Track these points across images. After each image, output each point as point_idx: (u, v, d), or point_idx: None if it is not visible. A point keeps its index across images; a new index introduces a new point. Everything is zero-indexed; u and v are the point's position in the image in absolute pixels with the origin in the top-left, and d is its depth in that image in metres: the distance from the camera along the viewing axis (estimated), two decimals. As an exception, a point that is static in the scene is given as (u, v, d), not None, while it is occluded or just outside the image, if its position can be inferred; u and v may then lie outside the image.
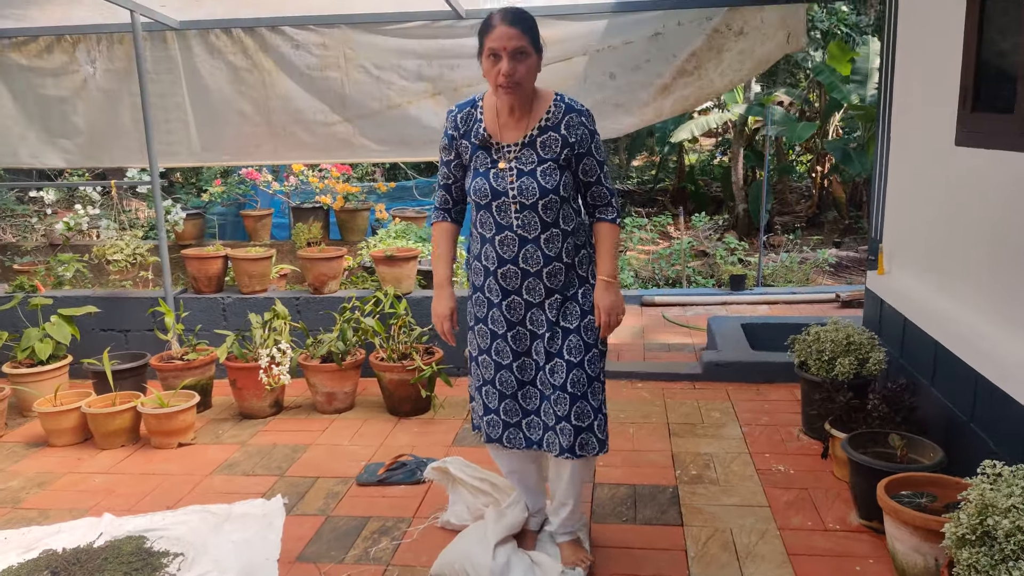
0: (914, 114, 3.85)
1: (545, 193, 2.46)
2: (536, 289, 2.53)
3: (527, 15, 2.43)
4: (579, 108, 2.50)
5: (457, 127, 2.57)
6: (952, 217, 3.34)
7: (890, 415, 3.24)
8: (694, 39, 4.72)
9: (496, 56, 2.38)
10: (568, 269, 2.55)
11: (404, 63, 5.01)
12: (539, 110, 2.49)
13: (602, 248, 2.59)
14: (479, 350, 2.65)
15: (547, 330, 2.56)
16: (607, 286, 2.55)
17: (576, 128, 2.47)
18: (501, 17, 2.38)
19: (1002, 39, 2.98)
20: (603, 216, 2.59)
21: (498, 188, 2.48)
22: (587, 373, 2.55)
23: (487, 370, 2.63)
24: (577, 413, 2.53)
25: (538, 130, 2.47)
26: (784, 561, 2.77)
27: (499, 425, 2.64)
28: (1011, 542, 1.88)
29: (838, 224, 12.64)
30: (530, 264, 2.51)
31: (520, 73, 2.39)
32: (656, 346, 5.71)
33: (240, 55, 5.10)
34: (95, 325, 5.04)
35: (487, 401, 2.64)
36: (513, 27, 2.36)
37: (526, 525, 2.81)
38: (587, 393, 2.55)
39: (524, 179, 2.46)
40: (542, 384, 2.59)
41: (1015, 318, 2.78)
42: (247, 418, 4.32)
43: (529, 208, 2.47)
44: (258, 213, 6.88)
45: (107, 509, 3.28)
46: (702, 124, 12.36)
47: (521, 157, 2.48)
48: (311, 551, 2.93)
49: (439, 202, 2.71)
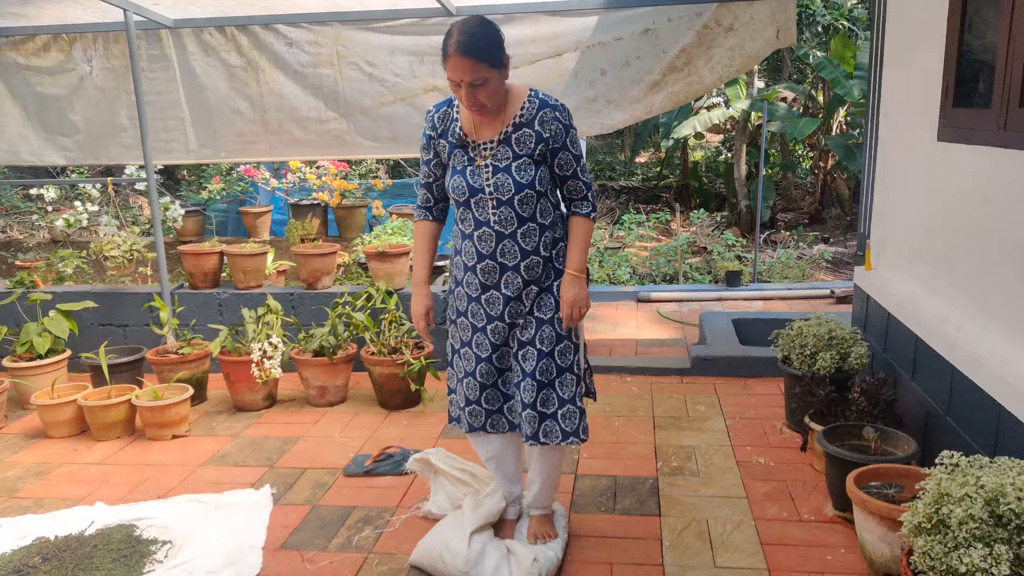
0: (900, 110, 3.87)
1: (520, 188, 2.50)
2: (514, 282, 2.58)
3: (483, 37, 2.37)
4: (552, 103, 2.53)
5: (435, 127, 2.61)
6: (933, 212, 3.37)
7: (869, 409, 3.28)
8: (684, 35, 4.75)
9: (456, 83, 2.39)
10: (546, 262, 2.60)
11: (396, 60, 5.07)
12: (513, 107, 2.52)
13: (574, 241, 2.62)
14: (460, 343, 2.71)
15: (522, 319, 2.63)
16: (573, 279, 2.59)
17: (550, 123, 2.50)
18: (455, 47, 2.33)
19: (982, 36, 3.01)
20: (578, 210, 2.63)
21: (475, 185, 2.52)
22: (556, 364, 2.60)
23: (468, 362, 2.68)
24: (542, 400, 2.59)
25: (513, 127, 2.50)
26: (757, 550, 2.82)
27: (482, 414, 2.70)
28: (963, 530, 1.92)
29: (840, 220, 12.64)
30: (508, 259, 2.56)
31: (481, 99, 2.40)
32: (648, 341, 5.75)
33: (234, 53, 5.16)
34: (94, 320, 5.12)
35: (468, 393, 2.69)
36: (467, 58, 2.32)
37: (504, 514, 2.86)
38: (554, 382, 2.61)
39: (499, 175, 2.51)
40: (515, 371, 2.66)
41: (991, 313, 2.82)
42: (241, 411, 4.40)
43: (506, 204, 2.51)
44: (257, 210, 6.95)
45: (100, 498, 3.36)
46: (705, 120, 12.36)
47: (497, 154, 2.52)
48: (296, 539, 3.00)
49: (421, 200, 2.75)
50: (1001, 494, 1.92)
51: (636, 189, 16.07)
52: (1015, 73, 2.65)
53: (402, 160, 11.64)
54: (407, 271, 5.03)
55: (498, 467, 2.84)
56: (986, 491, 1.94)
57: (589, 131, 5.12)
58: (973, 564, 1.86)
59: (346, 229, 6.72)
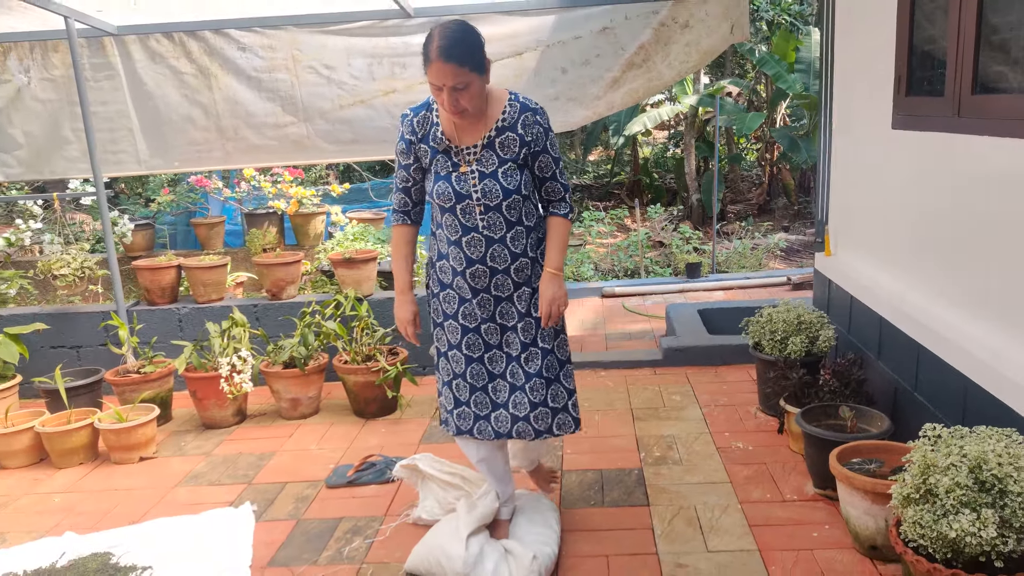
0: (853, 100, 3.97)
1: (508, 194, 2.51)
2: (504, 284, 2.61)
3: (465, 41, 2.36)
4: (533, 107, 2.54)
5: (414, 131, 2.57)
6: (892, 198, 3.46)
7: (840, 389, 3.35)
8: (642, 32, 4.80)
9: (438, 87, 2.38)
10: (533, 263, 2.63)
11: (354, 62, 5.00)
12: (495, 111, 2.52)
13: (551, 241, 2.65)
14: (448, 345, 2.69)
15: (519, 321, 2.65)
16: (552, 277, 2.62)
17: (532, 127, 2.52)
18: (437, 51, 2.32)
19: (932, 26, 3.10)
20: (556, 211, 2.66)
21: (462, 191, 2.52)
22: (558, 358, 2.70)
23: (457, 364, 2.67)
24: (552, 395, 2.68)
25: (496, 131, 2.50)
26: (746, 532, 2.86)
27: (470, 417, 2.69)
28: (951, 498, 1.98)
29: (788, 210, 12.92)
30: (498, 262, 2.58)
31: (463, 103, 2.39)
32: (617, 335, 5.79)
33: (184, 59, 5.03)
34: (44, 343, 4.94)
35: (457, 395, 2.69)
36: (449, 63, 2.31)
37: (497, 515, 2.85)
38: (559, 376, 2.70)
39: (486, 181, 2.51)
40: (513, 376, 2.67)
41: (951, 292, 2.91)
42: (210, 428, 4.29)
43: (494, 209, 2.53)
44: (210, 221, 6.79)
45: (69, 528, 3.23)
46: (654, 116, 12.52)
47: (482, 159, 2.52)
48: (283, 555, 2.93)
49: (398, 205, 2.71)
50: (983, 461, 1.99)
51: (589, 187, 16.21)
52: (966, 61, 2.74)
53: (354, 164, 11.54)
54: (375, 277, 4.98)
55: (489, 469, 2.83)
56: (969, 459, 2.01)
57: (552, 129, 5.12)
58: (962, 529, 1.92)
59: (303, 237, 6.62)
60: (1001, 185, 2.54)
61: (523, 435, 2.67)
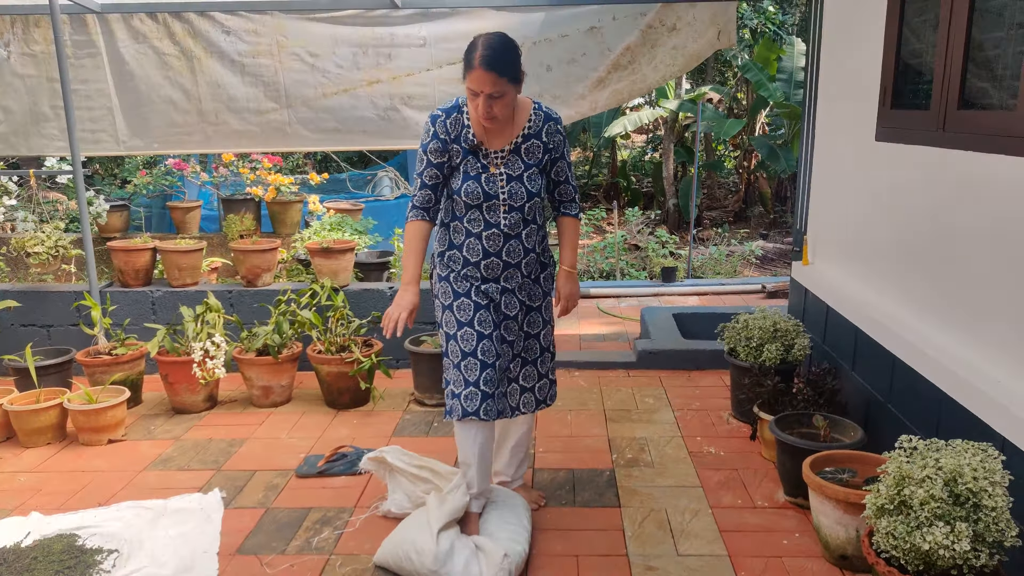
0: (837, 111, 4.02)
1: (531, 197, 2.71)
2: (514, 277, 2.80)
3: (507, 53, 2.53)
4: (555, 116, 2.75)
5: (448, 131, 2.68)
6: (872, 210, 3.51)
7: (814, 398, 3.39)
8: (628, 34, 4.82)
9: (475, 93, 2.52)
10: (538, 258, 2.85)
11: (340, 51, 4.97)
12: (521, 118, 2.70)
13: (566, 240, 2.91)
14: (459, 325, 2.74)
15: (519, 311, 2.84)
16: (569, 276, 2.91)
17: (554, 135, 2.73)
18: (480, 59, 2.48)
19: (919, 41, 3.15)
20: (567, 211, 2.89)
21: (490, 192, 2.68)
22: (540, 344, 2.96)
23: (468, 343, 2.73)
24: (525, 376, 2.95)
25: (522, 138, 2.69)
26: (716, 538, 2.88)
27: (477, 397, 2.71)
28: (925, 510, 2.00)
29: (764, 218, 13.04)
30: (512, 257, 2.76)
31: (497, 111, 2.55)
32: (591, 336, 5.81)
33: (167, 40, 4.96)
34: (14, 320, 4.85)
35: (467, 375, 2.72)
36: (490, 72, 2.48)
37: (468, 507, 2.85)
38: (537, 360, 2.97)
39: (513, 184, 2.69)
40: (527, 351, 2.92)
41: (927, 304, 2.95)
42: (180, 413, 4.24)
43: (517, 209, 2.71)
44: (186, 205, 6.70)
45: (35, 508, 3.17)
46: (635, 120, 12.57)
47: (509, 162, 2.69)
48: (251, 543, 2.91)
49: (421, 201, 2.76)
50: (959, 474, 2.02)
51: (566, 187, 16.20)
52: (953, 76, 2.79)
53: (332, 154, 11.45)
54: (352, 268, 4.95)
55: (482, 458, 2.81)
56: (945, 472, 2.04)
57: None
58: (936, 541, 1.94)
59: (280, 225, 6.55)
60: (980, 200, 2.59)
61: (527, 407, 2.95)
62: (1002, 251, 2.45)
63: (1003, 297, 2.44)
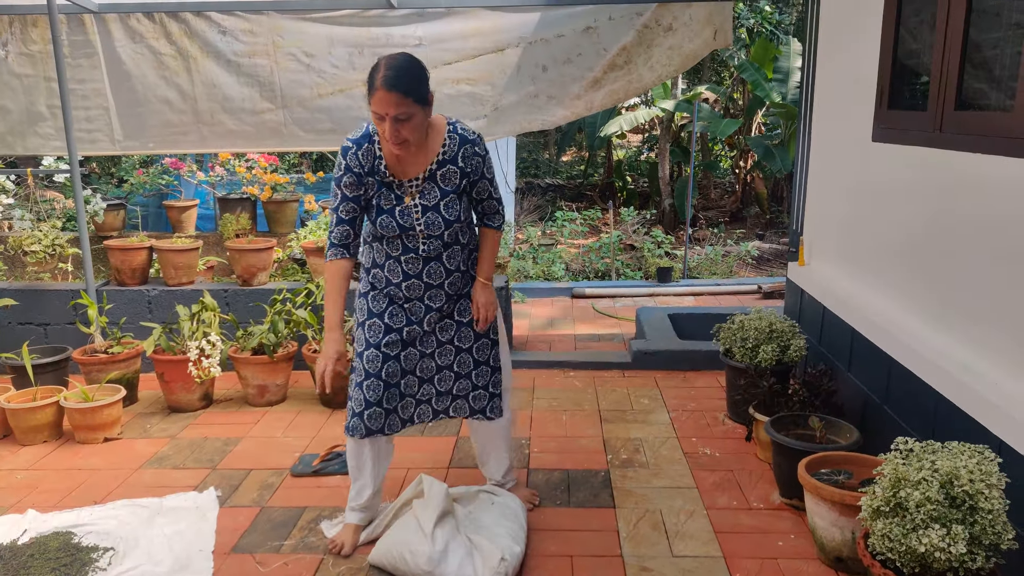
0: (834, 112, 4.03)
1: (450, 224, 2.64)
2: (438, 296, 2.75)
3: (410, 71, 2.41)
4: (472, 138, 2.63)
5: (360, 164, 2.58)
6: (868, 210, 3.51)
7: (810, 399, 3.40)
8: (624, 34, 4.82)
9: (381, 116, 2.41)
10: (464, 275, 2.79)
11: (335, 51, 4.96)
12: (435, 143, 2.59)
13: (483, 252, 2.82)
14: (367, 344, 2.72)
15: (439, 322, 2.79)
16: (483, 287, 2.81)
17: (471, 159, 2.62)
18: (383, 80, 2.36)
19: (916, 42, 3.15)
20: (489, 223, 2.81)
21: (405, 224, 2.62)
22: (474, 358, 2.86)
23: (373, 364, 2.71)
24: (459, 388, 2.87)
25: (437, 164, 2.60)
26: (711, 539, 2.88)
27: (380, 416, 2.74)
28: (921, 512, 2.01)
29: (760, 219, 13.06)
30: (433, 278, 2.71)
31: (404, 134, 2.44)
32: (587, 336, 5.82)
33: (163, 40, 4.96)
34: (11, 318, 4.84)
35: (367, 396, 2.71)
36: (393, 92, 2.36)
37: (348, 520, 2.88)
38: (471, 374, 2.87)
39: (429, 214, 2.61)
40: (422, 371, 2.82)
41: (923, 305, 2.96)
42: (176, 412, 4.23)
43: (435, 237, 2.66)
44: (182, 204, 6.69)
45: (31, 505, 3.17)
46: (631, 119, 12.58)
47: (424, 192, 2.61)
48: (246, 542, 2.90)
49: (339, 238, 2.65)
50: (955, 476, 2.02)
51: (562, 187, 16.26)
52: (950, 77, 2.79)
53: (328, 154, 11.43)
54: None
55: (375, 478, 2.85)
56: (941, 474, 2.04)
57: (530, 127, 5.14)
58: (932, 544, 1.95)
59: (276, 224, 6.55)
60: (977, 201, 2.60)
61: (458, 412, 2.90)
62: (999, 252, 2.46)
63: (1000, 299, 2.45)
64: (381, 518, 2.91)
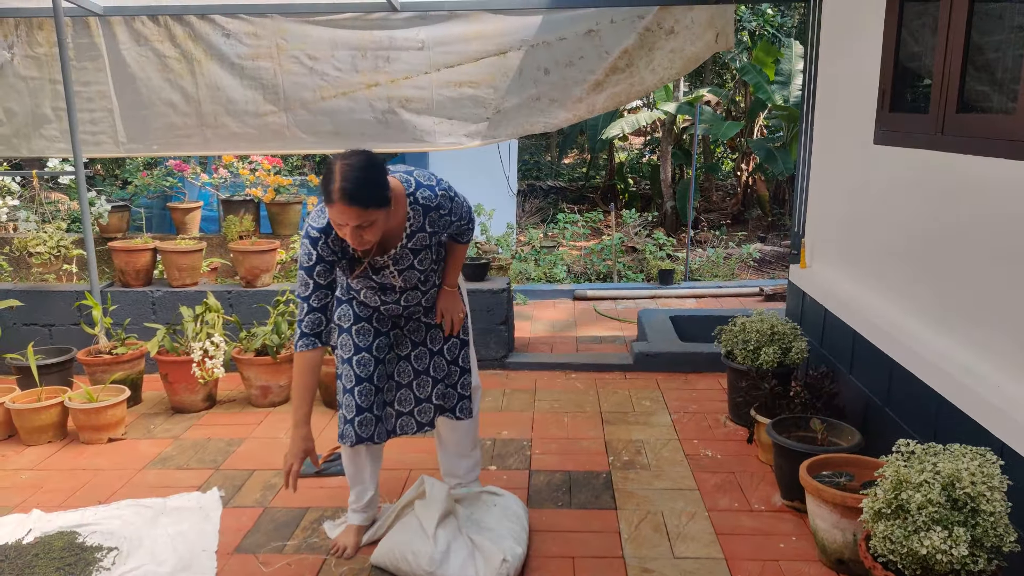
0: (836, 114, 4.04)
1: (425, 273, 2.69)
2: (416, 310, 2.80)
3: (368, 179, 2.26)
4: (434, 204, 2.53)
5: (333, 252, 2.48)
6: (870, 213, 3.52)
7: (812, 401, 3.40)
8: (626, 37, 4.83)
9: (340, 225, 2.31)
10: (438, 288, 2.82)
11: (338, 54, 4.98)
12: (399, 217, 2.49)
13: (449, 262, 2.80)
14: (356, 349, 2.71)
15: (414, 325, 2.83)
16: (447, 293, 2.81)
17: (437, 221, 2.57)
18: (339, 193, 2.22)
19: (918, 44, 3.16)
20: (458, 240, 2.78)
21: (384, 284, 2.65)
22: (445, 359, 2.86)
23: (364, 368, 2.70)
24: (437, 394, 2.86)
25: (406, 237, 2.54)
26: (712, 540, 2.89)
27: (371, 423, 2.74)
28: (923, 514, 2.02)
29: (762, 221, 13.06)
30: (411, 301, 2.74)
31: (367, 238, 2.34)
32: (588, 339, 5.82)
33: (168, 43, 4.98)
34: (16, 319, 4.86)
35: (360, 401, 2.70)
36: (351, 206, 2.24)
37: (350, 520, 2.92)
38: (444, 377, 2.86)
39: (406, 273, 2.63)
40: (399, 375, 2.83)
41: (925, 308, 2.97)
42: (179, 412, 4.25)
43: (413, 283, 2.69)
44: (186, 206, 6.71)
45: (36, 505, 3.19)
46: (632, 122, 12.60)
47: (397, 259, 2.59)
48: (249, 542, 2.92)
49: (310, 326, 2.52)
50: (957, 479, 2.03)
51: (564, 189, 16.27)
52: (952, 80, 2.80)
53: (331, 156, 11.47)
54: (350, 269, 4.95)
55: (371, 481, 2.89)
56: (943, 476, 2.05)
57: (532, 129, 5.15)
58: (933, 546, 1.96)
59: (279, 226, 6.56)
60: (978, 203, 2.60)
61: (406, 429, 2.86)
62: (1001, 255, 2.47)
63: (1002, 301, 2.46)
64: (383, 519, 2.93)
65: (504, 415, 4.17)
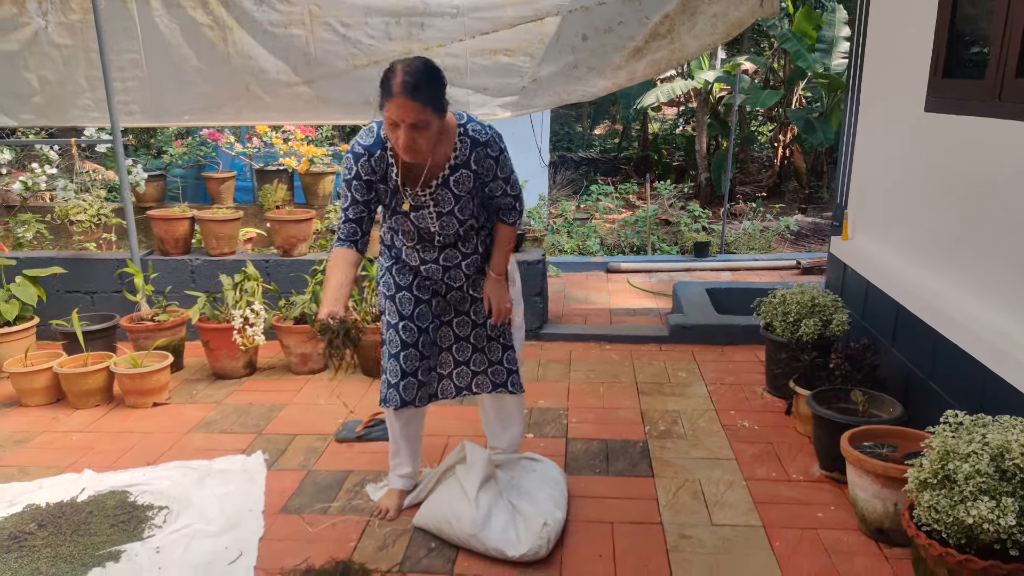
0: (884, 82, 3.94)
1: (464, 223, 2.66)
2: (457, 276, 2.77)
3: (430, 79, 2.33)
4: (484, 140, 2.54)
5: (372, 171, 2.54)
6: (918, 183, 3.45)
7: (852, 373, 3.37)
8: (667, 1, 4.73)
9: (395, 123, 2.33)
10: (483, 255, 2.80)
11: (372, 20, 4.93)
12: (446, 147, 2.51)
13: (497, 246, 2.79)
14: (400, 317, 2.74)
15: (465, 302, 2.84)
16: (494, 281, 2.79)
17: (483, 160, 2.55)
18: (401, 86, 2.27)
19: (975, 6, 3.06)
20: (504, 219, 2.76)
21: (420, 227, 2.65)
22: (487, 333, 2.89)
23: (409, 335, 2.73)
24: (475, 362, 2.91)
25: (449, 169, 2.54)
26: (751, 508, 2.90)
27: (414, 387, 2.76)
28: (970, 484, 2.00)
29: (799, 193, 12.86)
30: (450, 261, 2.74)
31: (419, 143, 2.36)
32: (622, 311, 5.81)
33: (200, 10, 4.95)
34: (60, 287, 4.96)
35: (404, 366, 2.73)
36: (413, 100, 2.27)
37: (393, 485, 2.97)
38: (485, 348, 2.90)
39: (444, 219, 2.62)
40: (441, 339, 2.87)
41: (974, 281, 2.91)
42: (221, 379, 4.32)
43: (451, 234, 2.68)
44: (220, 175, 6.78)
45: (87, 466, 3.28)
46: (667, 91, 12.39)
47: (437, 199, 2.58)
48: (295, 503, 2.98)
49: (347, 234, 2.61)
50: (1006, 450, 2.01)
51: (596, 160, 16.13)
52: (1012, 42, 2.70)
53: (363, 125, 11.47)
54: (387, 238, 4.96)
55: (411, 444, 2.92)
56: (991, 447, 2.03)
57: (570, 99, 5.09)
58: (981, 516, 1.94)
59: (312, 196, 6.61)
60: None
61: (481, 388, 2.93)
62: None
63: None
64: (424, 483, 2.96)
65: (540, 385, 4.19)
